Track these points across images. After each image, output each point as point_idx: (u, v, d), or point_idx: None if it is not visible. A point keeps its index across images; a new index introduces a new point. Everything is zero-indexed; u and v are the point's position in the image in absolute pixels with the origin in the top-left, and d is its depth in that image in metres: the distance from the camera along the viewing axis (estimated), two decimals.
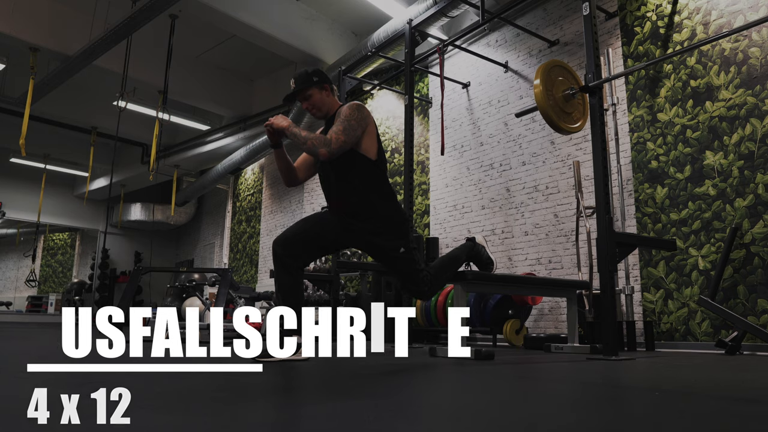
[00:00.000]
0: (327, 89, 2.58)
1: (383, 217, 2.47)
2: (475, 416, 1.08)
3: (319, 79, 2.56)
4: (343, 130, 2.37)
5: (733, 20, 4.17)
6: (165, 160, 10.43)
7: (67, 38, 7.09)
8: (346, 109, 2.44)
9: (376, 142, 2.52)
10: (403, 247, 2.48)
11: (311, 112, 2.59)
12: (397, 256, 2.48)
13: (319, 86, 2.55)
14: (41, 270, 15.94)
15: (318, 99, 2.56)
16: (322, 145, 2.33)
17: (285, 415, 1.05)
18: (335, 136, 2.35)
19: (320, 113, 2.59)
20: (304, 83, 2.53)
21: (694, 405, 1.29)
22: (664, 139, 4.48)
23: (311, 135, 2.36)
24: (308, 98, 2.55)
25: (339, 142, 2.35)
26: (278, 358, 2.32)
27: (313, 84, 2.54)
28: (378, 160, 2.52)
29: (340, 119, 2.41)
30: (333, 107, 2.59)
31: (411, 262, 2.50)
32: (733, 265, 3.92)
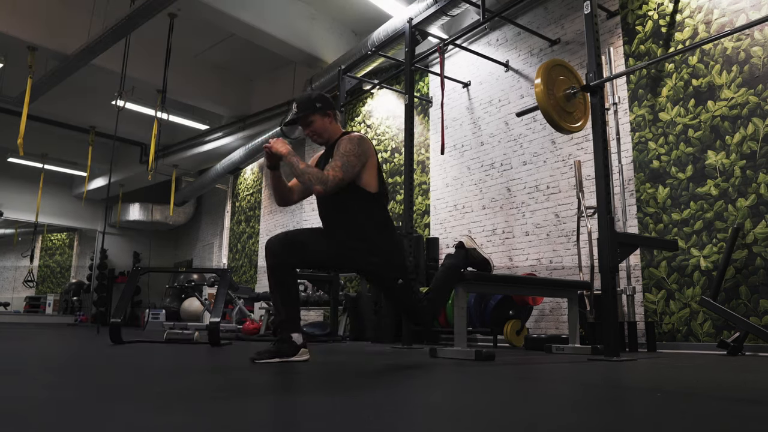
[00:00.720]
0: (330, 116, 2.56)
1: (380, 249, 2.48)
2: (476, 416, 1.08)
3: (323, 105, 2.54)
4: (341, 166, 2.36)
5: (735, 19, 4.17)
6: (164, 159, 10.44)
7: (65, 37, 7.09)
8: (346, 143, 2.42)
9: (376, 174, 2.50)
10: (401, 279, 2.50)
11: (312, 138, 2.58)
12: (394, 287, 2.50)
13: (322, 112, 2.54)
14: (39, 270, 15.94)
15: (320, 126, 2.54)
16: (318, 182, 2.32)
17: (286, 415, 1.05)
18: (333, 173, 2.34)
19: (321, 140, 2.58)
20: (307, 109, 2.52)
21: (695, 406, 1.30)
22: (666, 138, 4.48)
23: (309, 169, 2.35)
24: (310, 125, 2.54)
25: (336, 180, 2.34)
26: (278, 360, 2.33)
27: (315, 110, 2.52)
28: (378, 193, 2.50)
29: (339, 153, 2.39)
30: (335, 134, 2.57)
31: (408, 292, 2.52)
32: (735, 266, 3.92)
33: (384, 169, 7.33)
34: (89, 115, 10.05)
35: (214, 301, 3.90)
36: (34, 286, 14.81)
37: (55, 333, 6.30)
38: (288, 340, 2.37)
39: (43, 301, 14.33)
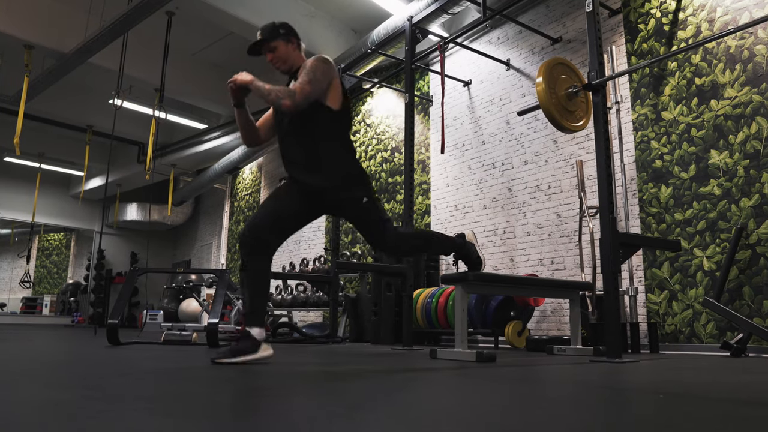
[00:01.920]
0: (294, 43, 2.58)
1: (342, 169, 2.47)
2: (477, 419, 1.08)
3: (286, 31, 2.56)
4: (308, 81, 2.37)
5: (739, 17, 4.17)
6: (161, 159, 10.44)
7: (62, 36, 7.09)
8: (311, 61, 2.44)
9: (340, 96, 2.51)
10: (366, 197, 2.49)
11: (275, 65, 2.59)
12: (361, 206, 2.49)
13: (286, 39, 2.55)
14: (36, 271, 15.95)
15: (283, 52, 2.55)
16: (286, 96, 2.32)
17: (284, 417, 1.05)
18: (300, 86, 2.35)
19: (285, 66, 2.58)
20: (270, 34, 2.53)
21: (698, 408, 1.29)
22: (669, 137, 4.48)
23: (275, 87, 2.35)
24: (273, 50, 2.55)
25: (304, 93, 2.34)
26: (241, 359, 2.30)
27: (279, 36, 2.54)
28: (341, 111, 2.50)
29: (305, 70, 2.41)
30: (298, 62, 2.58)
31: (375, 211, 2.52)
32: (738, 266, 3.92)
33: (384, 169, 7.33)
34: (86, 114, 10.05)
35: (212, 302, 3.90)
36: (31, 287, 14.82)
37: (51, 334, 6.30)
38: (247, 336, 2.35)
39: (40, 302, 14.33)
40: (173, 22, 7.24)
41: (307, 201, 2.51)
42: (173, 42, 7.45)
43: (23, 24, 6.89)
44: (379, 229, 2.54)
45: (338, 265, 5.27)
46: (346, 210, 2.55)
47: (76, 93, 9.55)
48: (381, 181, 7.33)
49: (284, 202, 2.49)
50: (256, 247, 2.39)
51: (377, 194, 2.60)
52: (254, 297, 2.39)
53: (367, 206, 2.50)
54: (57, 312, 14.12)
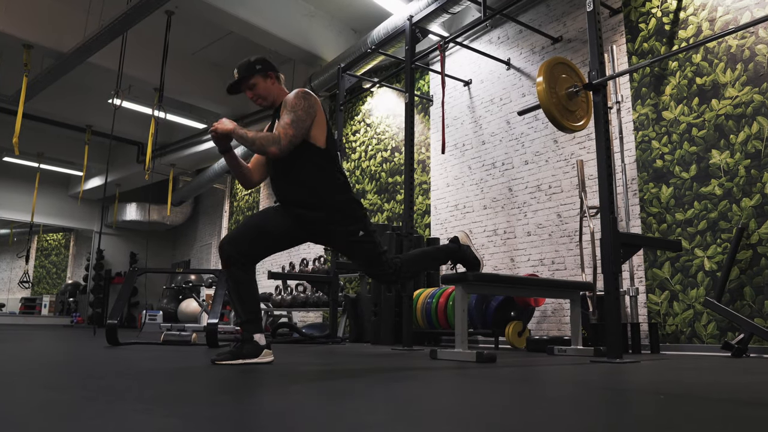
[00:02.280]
0: (272, 77, 2.56)
1: (337, 205, 2.45)
2: (477, 420, 1.08)
3: (263, 67, 2.53)
4: (290, 123, 2.35)
5: (740, 16, 4.17)
6: (161, 159, 10.44)
7: (61, 35, 7.09)
8: (292, 99, 2.41)
9: (325, 130, 2.49)
10: (362, 231, 2.48)
11: (257, 102, 2.57)
12: (356, 241, 2.47)
13: (263, 74, 2.53)
14: (35, 271, 15.95)
15: (263, 88, 2.53)
16: (271, 144, 2.30)
17: (284, 418, 1.05)
18: (283, 131, 2.33)
19: (266, 102, 2.57)
20: (247, 72, 2.51)
21: (699, 409, 1.30)
22: (670, 137, 4.48)
23: (258, 134, 2.33)
24: (252, 87, 2.53)
25: (288, 137, 2.33)
26: (240, 362, 2.30)
27: (256, 72, 2.51)
28: (327, 149, 2.48)
29: (287, 110, 2.39)
30: (280, 96, 2.57)
31: (372, 245, 2.50)
32: (739, 266, 3.92)
33: (384, 168, 7.33)
34: (85, 114, 10.05)
35: (211, 303, 3.90)
36: (30, 287, 14.81)
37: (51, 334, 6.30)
38: (250, 341, 2.35)
39: (39, 303, 14.33)
40: (172, 21, 7.24)
41: (298, 229, 2.49)
42: (172, 41, 7.45)
43: (22, 23, 6.89)
44: (376, 262, 2.52)
45: (338, 265, 5.27)
46: (340, 243, 2.52)
47: (75, 93, 9.55)
48: (381, 181, 7.33)
49: (275, 221, 2.46)
50: (236, 256, 2.37)
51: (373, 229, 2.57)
52: (247, 305, 2.39)
53: (363, 239, 2.48)
54: (56, 312, 14.12)
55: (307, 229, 2.49)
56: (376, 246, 2.51)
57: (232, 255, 2.37)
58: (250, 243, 2.40)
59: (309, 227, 2.48)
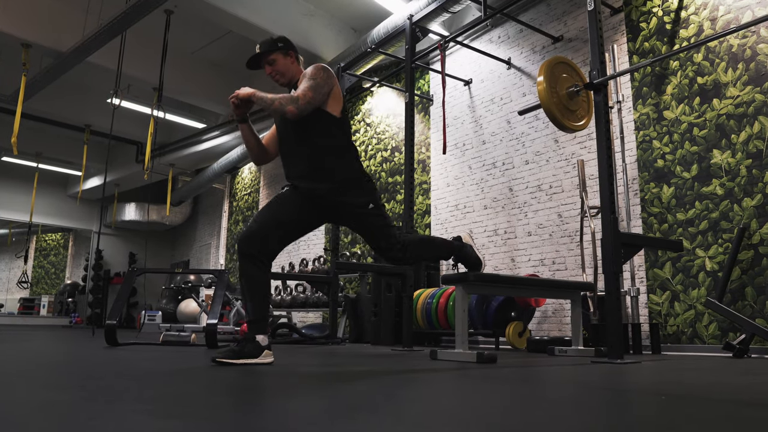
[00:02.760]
0: (292, 56, 2.62)
1: (347, 176, 2.49)
2: (477, 420, 1.08)
3: (284, 45, 2.59)
4: (310, 87, 2.40)
5: (741, 16, 4.17)
6: (160, 158, 10.44)
7: (60, 34, 7.09)
8: (311, 69, 2.48)
9: (341, 104, 2.54)
10: (372, 203, 2.50)
11: (275, 78, 2.62)
12: (366, 213, 2.49)
13: (284, 52, 2.59)
14: (33, 271, 15.94)
15: (282, 65, 2.59)
16: (290, 103, 2.35)
17: (284, 419, 1.05)
18: (303, 93, 2.38)
19: (284, 79, 2.62)
20: (269, 47, 2.57)
21: (700, 409, 1.30)
22: (671, 137, 4.48)
23: (278, 95, 2.38)
24: (272, 63, 2.59)
25: (307, 98, 2.38)
26: (241, 361, 2.31)
27: (277, 49, 2.57)
28: (342, 119, 2.53)
29: (306, 78, 2.45)
30: (297, 75, 2.62)
31: (381, 218, 2.52)
32: (740, 267, 3.92)
33: (384, 168, 7.34)
34: (84, 114, 10.05)
35: (211, 303, 3.90)
36: (29, 288, 14.81)
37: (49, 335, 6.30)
38: (252, 341, 2.36)
39: (38, 303, 14.33)
40: (172, 20, 7.24)
41: (309, 208, 2.51)
42: (172, 41, 7.45)
43: (21, 23, 6.89)
44: (385, 236, 2.53)
45: (338, 265, 5.27)
46: (349, 216, 2.54)
47: (74, 92, 9.55)
48: (381, 181, 7.33)
49: (285, 209, 2.48)
50: (254, 254, 2.38)
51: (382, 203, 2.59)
52: (256, 305, 2.39)
53: (373, 212, 2.50)
54: (55, 313, 14.12)
55: (317, 205, 2.50)
56: (385, 219, 2.54)
57: (248, 253, 2.38)
58: (269, 237, 2.42)
59: (318, 201, 2.49)
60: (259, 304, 2.39)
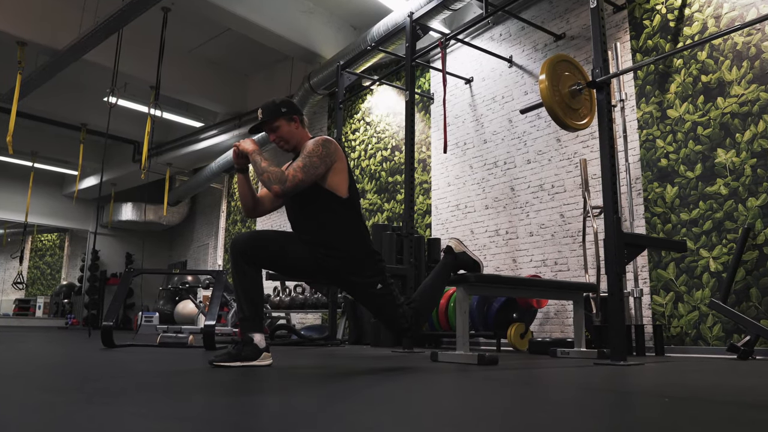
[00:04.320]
0: (296, 121, 2.56)
1: (355, 255, 2.45)
2: (478, 422, 1.08)
3: (288, 110, 2.54)
4: (302, 167, 2.35)
5: (746, 13, 4.17)
6: (157, 158, 10.43)
7: (55, 32, 7.09)
8: (311, 144, 2.43)
9: (346, 178, 2.49)
10: (381, 284, 2.47)
11: (279, 144, 2.58)
12: (374, 293, 2.47)
13: (288, 118, 2.54)
14: (29, 272, 15.95)
15: (286, 131, 2.54)
16: (276, 182, 2.31)
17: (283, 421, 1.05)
18: (293, 173, 2.33)
19: (288, 146, 2.58)
20: (272, 114, 2.52)
21: (704, 412, 1.30)
22: (674, 136, 4.48)
23: (270, 168, 2.34)
24: (275, 130, 2.54)
25: (295, 180, 2.32)
26: (238, 364, 2.30)
27: (281, 115, 2.52)
28: (349, 198, 2.48)
29: (303, 155, 2.40)
30: (302, 140, 2.57)
31: (389, 297, 2.49)
32: (745, 267, 3.92)
33: (384, 168, 7.34)
34: (80, 112, 10.05)
35: (209, 304, 3.90)
36: (24, 289, 14.81)
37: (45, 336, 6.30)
38: (249, 343, 2.35)
39: (33, 304, 14.33)
40: (169, 18, 7.24)
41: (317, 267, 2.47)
42: (169, 39, 7.45)
43: (16, 20, 6.89)
44: (391, 314, 2.51)
45: None
46: (356, 292, 2.53)
47: (70, 90, 9.55)
48: (381, 181, 7.33)
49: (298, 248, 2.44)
50: (246, 252, 2.36)
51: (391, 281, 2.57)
52: (249, 302, 2.37)
53: (381, 292, 2.48)
54: (50, 314, 14.12)
55: (326, 273, 2.48)
56: (393, 299, 2.51)
57: (241, 251, 2.36)
58: (261, 246, 2.39)
59: (329, 270, 2.47)
60: (251, 301, 2.37)
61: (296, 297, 7.48)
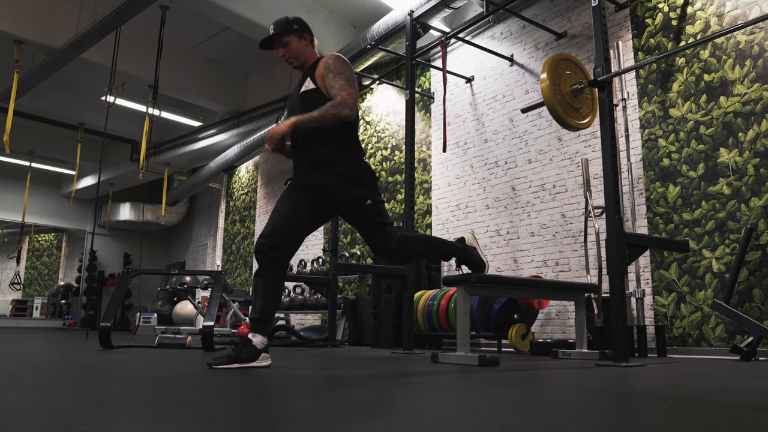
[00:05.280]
0: (306, 39, 2.64)
1: (346, 168, 2.51)
2: (479, 424, 1.08)
3: (299, 27, 2.61)
4: (346, 83, 2.44)
5: (749, 11, 4.17)
6: (155, 157, 10.44)
7: (53, 30, 7.09)
8: (336, 62, 2.49)
9: None
10: (371, 200, 2.52)
11: (288, 60, 2.64)
12: (363, 209, 2.52)
13: (299, 34, 2.61)
14: (26, 272, 15.94)
15: (296, 47, 2.61)
16: (341, 108, 2.38)
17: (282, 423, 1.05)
18: (345, 92, 2.41)
19: (297, 62, 2.64)
20: (283, 29, 2.58)
21: (707, 413, 1.30)
22: (677, 135, 4.48)
23: (323, 108, 2.39)
24: (286, 45, 2.61)
25: (352, 96, 2.42)
26: (236, 366, 2.30)
27: (292, 31, 2.59)
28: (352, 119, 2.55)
29: (334, 73, 2.46)
30: (311, 58, 2.64)
31: (378, 215, 2.55)
32: (748, 268, 3.92)
33: (384, 167, 7.34)
34: (78, 112, 10.05)
35: (207, 305, 3.90)
36: (21, 289, 14.81)
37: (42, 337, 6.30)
38: (248, 344, 2.36)
39: (30, 305, 14.33)
40: (167, 16, 7.24)
41: (315, 201, 2.55)
42: (167, 37, 7.45)
43: (13, 19, 6.89)
44: (381, 233, 2.56)
45: (337, 266, 5.27)
46: (348, 210, 2.58)
47: (68, 90, 9.55)
48: (381, 180, 7.33)
49: (295, 205, 2.53)
50: (274, 255, 2.42)
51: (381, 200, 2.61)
52: (265, 306, 2.41)
53: (370, 209, 2.52)
54: (48, 315, 14.11)
55: (319, 198, 2.54)
56: (381, 216, 2.56)
57: (271, 252, 2.42)
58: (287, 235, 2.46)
59: (320, 194, 2.53)
60: (269, 305, 2.42)
61: (295, 297, 7.48)
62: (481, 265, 2.85)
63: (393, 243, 2.58)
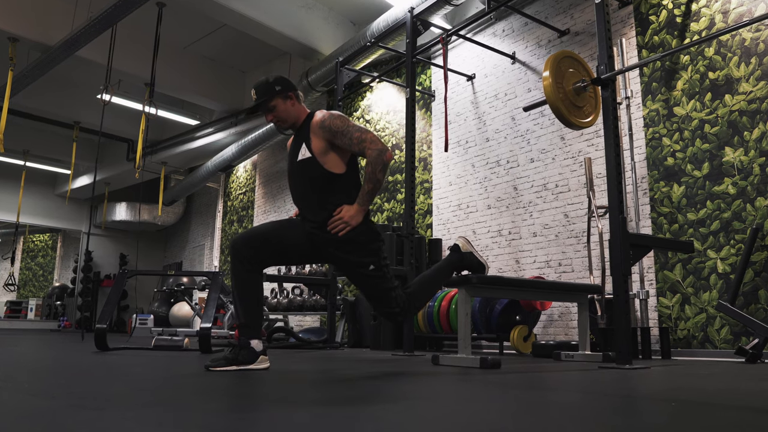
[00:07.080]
0: (292, 98, 2.53)
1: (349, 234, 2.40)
2: (480, 427, 1.08)
3: (282, 87, 2.50)
4: (362, 132, 2.38)
5: (754, 8, 4.17)
6: (152, 156, 10.44)
7: (48, 28, 7.09)
8: (331, 123, 2.40)
9: (349, 153, 2.48)
10: (373, 265, 2.42)
11: (277, 124, 2.55)
12: (366, 274, 2.41)
13: (283, 96, 2.50)
14: (20, 273, 15.95)
15: (283, 111, 2.51)
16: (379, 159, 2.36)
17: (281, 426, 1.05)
18: (367, 142, 2.36)
19: (286, 125, 2.55)
20: (266, 94, 2.48)
21: (712, 416, 1.30)
22: (681, 134, 4.48)
23: (372, 174, 2.37)
24: (272, 110, 2.51)
25: (372, 140, 2.38)
26: (234, 368, 2.30)
27: (276, 94, 2.48)
28: (346, 173, 2.48)
29: (341, 133, 2.38)
30: (301, 116, 2.55)
31: (382, 280, 2.43)
32: (754, 268, 3.92)
33: None
34: (73, 110, 10.05)
35: (204, 306, 3.90)
36: (15, 290, 14.80)
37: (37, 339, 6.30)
38: (246, 347, 2.34)
39: (25, 306, 14.33)
40: (164, 13, 7.24)
41: (309, 247, 2.47)
42: (164, 34, 7.45)
43: (7, 15, 6.89)
44: (384, 298, 2.45)
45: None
46: (349, 273, 2.48)
47: (63, 88, 9.55)
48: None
49: (292, 233, 2.46)
50: (246, 258, 2.36)
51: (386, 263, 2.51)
52: (248, 308, 2.37)
53: (374, 274, 2.42)
54: (43, 316, 14.11)
55: (317, 250, 2.47)
56: (386, 282, 2.44)
57: (240, 256, 2.37)
58: (258, 246, 2.39)
59: (319, 248, 2.45)
60: (251, 307, 2.37)
61: (294, 299, 7.48)
62: (481, 266, 2.84)
63: (397, 308, 2.46)
